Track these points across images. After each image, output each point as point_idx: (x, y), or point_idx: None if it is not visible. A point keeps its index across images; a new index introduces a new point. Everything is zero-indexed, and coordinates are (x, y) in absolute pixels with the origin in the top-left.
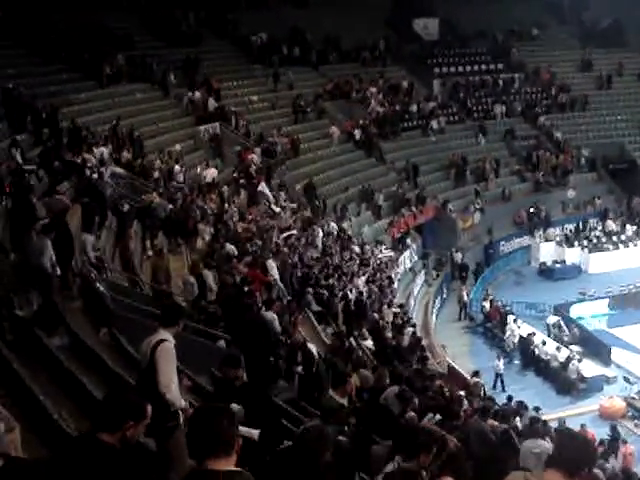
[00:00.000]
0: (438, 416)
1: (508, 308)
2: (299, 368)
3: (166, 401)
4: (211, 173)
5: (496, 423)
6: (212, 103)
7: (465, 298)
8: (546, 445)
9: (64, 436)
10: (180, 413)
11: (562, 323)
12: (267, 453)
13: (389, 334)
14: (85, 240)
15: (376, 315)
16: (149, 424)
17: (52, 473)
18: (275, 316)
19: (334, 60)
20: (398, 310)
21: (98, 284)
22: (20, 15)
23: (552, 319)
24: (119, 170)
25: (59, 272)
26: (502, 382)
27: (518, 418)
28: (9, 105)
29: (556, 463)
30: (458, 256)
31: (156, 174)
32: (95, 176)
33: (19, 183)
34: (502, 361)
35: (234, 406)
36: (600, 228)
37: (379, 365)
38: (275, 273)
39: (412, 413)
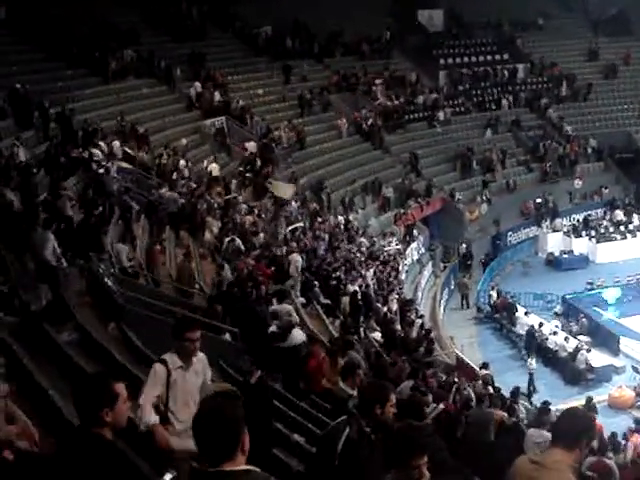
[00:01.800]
0: (441, 405)
1: (515, 299)
2: None
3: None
4: (214, 167)
5: (505, 415)
6: (217, 97)
7: (468, 287)
8: (547, 435)
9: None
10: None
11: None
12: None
13: (397, 326)
14: (119, 250)
15: (384, 307)
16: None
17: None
18: (290, 307)
19: (339, 52)
20: (405, 303)
21: (106, 279)
22: (25, 12)
23: (560, 309)
24: (126, 165)
25: (65, 264)
26: (532, 383)
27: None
28: (15, 102)
29: (556, 439)
30: (464, 247)
31: (174, 175)
32: (101, 171)
33: (24, 181)
34: (534, 359)
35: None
36: (607, 218)
37: (398, 360)
38: (298, 267)
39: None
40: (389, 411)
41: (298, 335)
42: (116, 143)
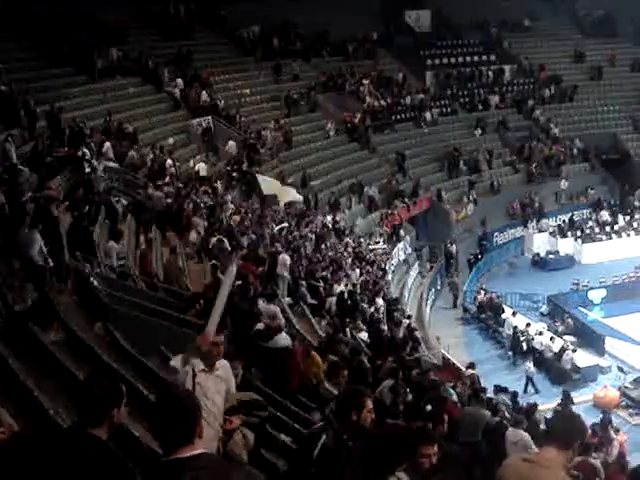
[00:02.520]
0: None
1: (501, 299)
2: None
3: None
4: (201, 167)
5: (488, 412)
6: (204, 97)
7: (458, 287)
8: (523, 435)
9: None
10: None
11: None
12: None
13: (384, 326)
14: (110, 247)
15: (370, 308)
16: None
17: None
18: (277, 308)
19: (326, 53)
20: (392, 302)
21: (92, 278)
22: (10, 9)
23: (546, 309)
24: (112, 164)
25: (52, 264)
26: (533, 384)
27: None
28: (1, 101)
29: (550, 438)
30: (452, 248)
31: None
32: (88, 170)
33: (10, 180)
34: (532, 363)
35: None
36: (593, 218)
37: (384, 361)
38: (287, 267)
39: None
40: (366, 417)
41: (283, 338)
42: (107, 143)
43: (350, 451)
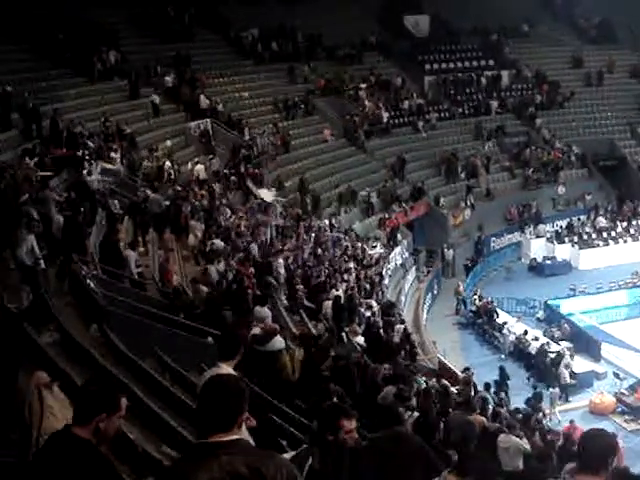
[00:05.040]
0: (416, 413)
1: (496, 304)
2: None
3: None
4: (198, 169)
5: (484, 420)
6: (203, 100)
7: (461, 292)
8: (514, 440)
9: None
10: None
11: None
12: None
13: (380, 331)
14: (128, 256)
15: (367, 312)
16: None
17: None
18: (269, 312)
19: (325, 57)
20: (389, 306)
21: (88, 280)
22: (8, 12)
23: (542, 315)
24: (110, 166)
25: (43, 266)
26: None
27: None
28: None
29: (585, 465)
30: (449, 253)
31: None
32: (85, 172)
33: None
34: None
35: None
36: (590, 224)
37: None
38: (282, 270)
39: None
40: (344, 439)
41: (277, 342)
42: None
43: (338, 471)
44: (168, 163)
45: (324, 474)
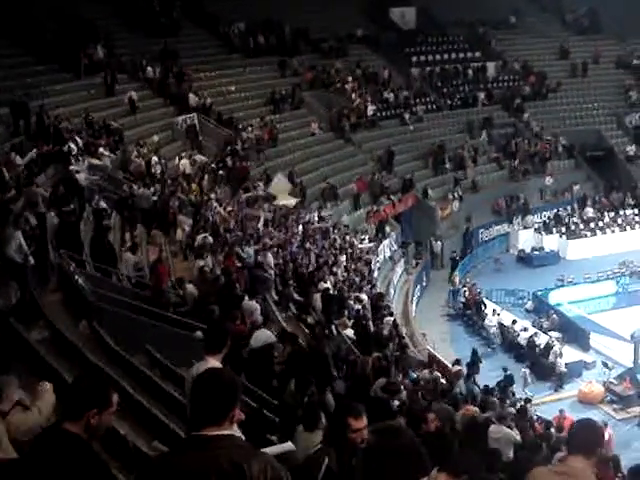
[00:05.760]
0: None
1: (483, 296)
2: None
3: None
4: (184, 164)
5: (477, 410)
6: (193, 98)
7: (455, 284)
8: (505, 431)
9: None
10: None
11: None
12: None
13: (370, 323)
14: (127, 259)
15: (356, 304)
16: None
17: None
18: (257, 305)
19: (311, 50)
20: (378, 299)
21: (77, 276)
22: None
23: (531, 305)
24: (97, 162)
25: (32, 262)
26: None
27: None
28: None
29: (575, 448)
30: (437, 245)
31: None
32: (72, 167)
33: None
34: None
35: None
36: (578, 215)
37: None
38: (271, 264)
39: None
40: (353, 438)
41: (262, 336)
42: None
43: (353, 473)
44: (155, 158)
45: (341, 475)
